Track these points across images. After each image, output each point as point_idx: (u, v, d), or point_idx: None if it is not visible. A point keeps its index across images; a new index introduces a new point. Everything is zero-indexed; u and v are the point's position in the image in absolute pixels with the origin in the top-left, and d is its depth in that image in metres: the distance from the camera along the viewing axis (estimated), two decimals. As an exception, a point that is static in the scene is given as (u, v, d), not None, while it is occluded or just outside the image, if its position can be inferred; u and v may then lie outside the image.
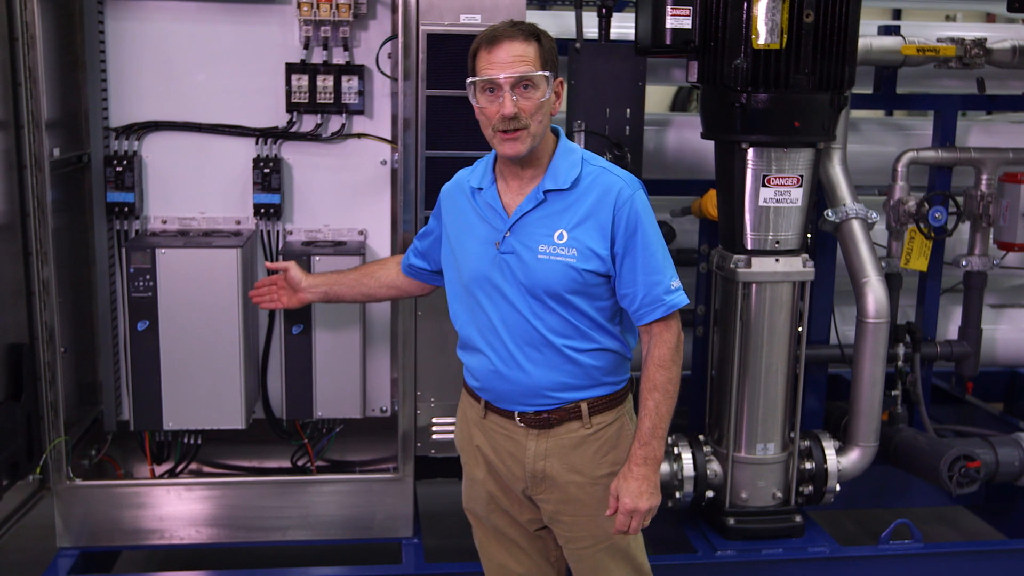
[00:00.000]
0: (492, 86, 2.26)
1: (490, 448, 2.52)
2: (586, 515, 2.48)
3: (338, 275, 2.90)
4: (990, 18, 7.78)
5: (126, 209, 3.41)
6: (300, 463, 3.73)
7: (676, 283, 2.38)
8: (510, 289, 2.36)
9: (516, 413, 2.45)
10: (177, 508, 3.39)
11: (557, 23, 4.12)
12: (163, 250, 3.23)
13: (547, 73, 2.27)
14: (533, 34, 2.28)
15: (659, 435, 2.36)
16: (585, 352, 2.39)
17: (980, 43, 3.84)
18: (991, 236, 4.04)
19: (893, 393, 3.97)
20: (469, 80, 2.30)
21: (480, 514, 2.63)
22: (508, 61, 2.24)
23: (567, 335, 2.37)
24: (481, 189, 2.42)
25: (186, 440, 3.57)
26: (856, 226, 3.65)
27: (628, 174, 2.39)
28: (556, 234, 2.33)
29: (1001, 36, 4.01)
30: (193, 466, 3.65)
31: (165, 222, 3.49)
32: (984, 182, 3.97)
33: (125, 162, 3.38)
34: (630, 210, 2.32)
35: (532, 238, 2.34)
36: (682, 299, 2.38)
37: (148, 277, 3.23)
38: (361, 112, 3.48)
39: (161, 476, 3.60)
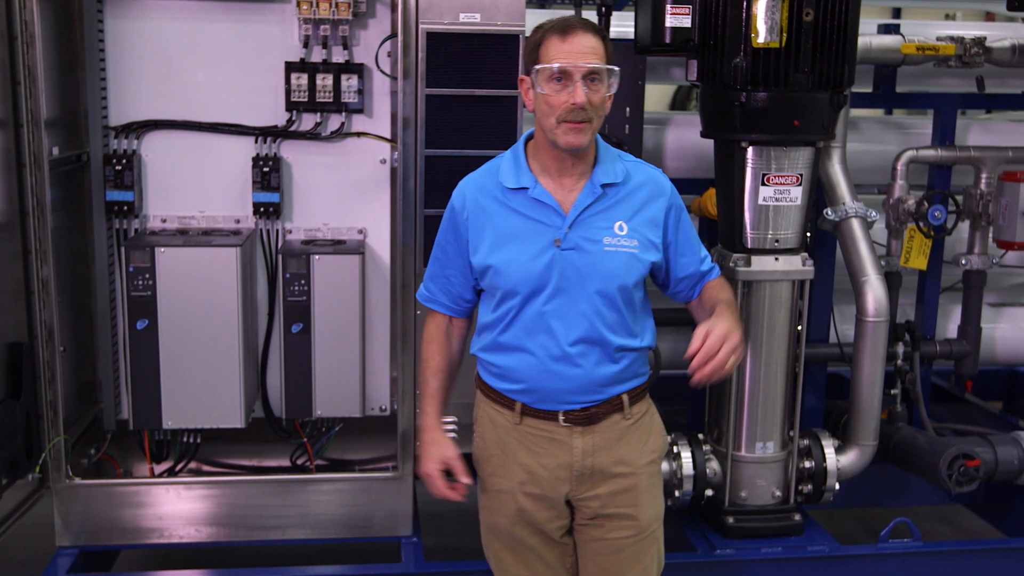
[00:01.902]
0: (563, 75, 2.26)
1: (528, 454, 2.45)
2: (638, 504, 2.50)
3: (441, 393, 2.57)
4: (990, 17, 7.78)
5: (125, 208, 3.41)
6: (299, 462, 3.73)
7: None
8: (569, 285, 2.36)
9: (560, 412, 2.42)
10: (176, 507, 3.39)
11: (556, 22, 4.11)
12: (162, 249, 3.23)
13: (615, 68, 2.31)
14: (600, 31, 2.32)
15: (735, 309, 2.49)
16: (630, 343, 2.43)
17: (980, 42, 3.84)
18: (990, 235, 4.04)
19: (892, 392, 3.97)
20: (537, 67, 2.28)
21: (503, 527, 2.53)
22: (582, 51, 2.25)
23: (619, 327, 2.40)
24: (525, 188, 2.38)
25: (185, 439, 3.57)
26: (855, 225, 3.65)
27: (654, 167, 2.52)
28: (616, 226, 2.38)
29: (1001, 35, 4.01)
30: (192, 465, 3.66)
31: (164, 221, 3.49)
32: (983, 181, 3.97)
33: (124, 161, 3.38)
34: (676, 200, 2.47)
35: (594, 232, 2.37)
36: (717, 265, 2.62)
37: (147, 276, 3.23)
38: (360, 111, 3.48)
39: (160, 475, 3.60)
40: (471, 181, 2.47)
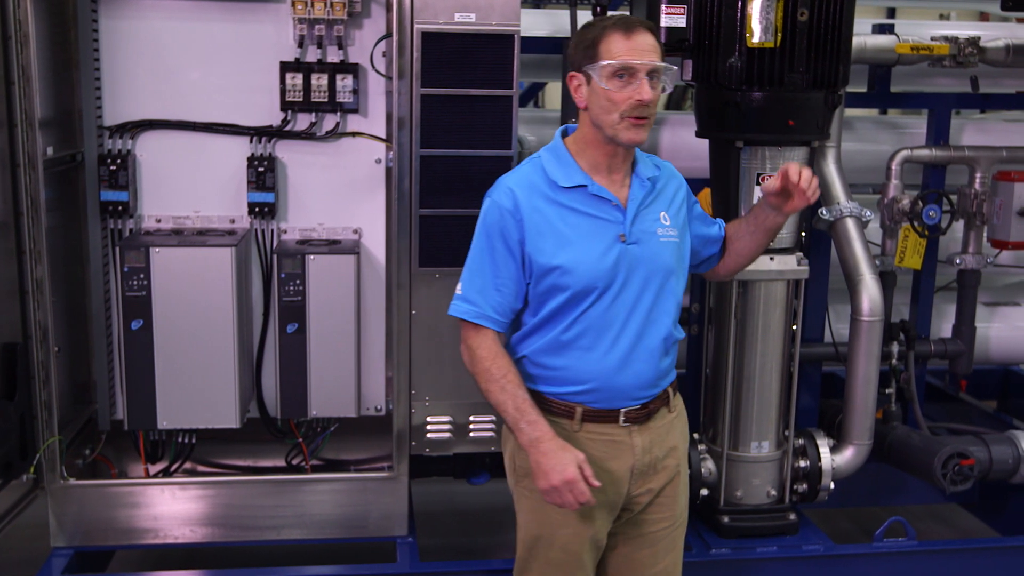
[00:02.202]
0: (628, 72, 2.28)
1: (590, 461, 2.36)
2: (677, 493, 2.56)
3: (532, 401, 2.39)
4: (984, 16, 7.80)
5: (120, 208, 3.41)
6: (295, 462, 3.72)
7: None
8: (635, 278, 2.39)
9: (621, 412, 2.43)
10: (171, 507, 3.38)
11: (552, 22, 4.12)
12: (157, 249, 3.23)
13: (674, 68, 2.36)
14: (656, 30, 2.36)
15: None
16: (678, 335, 2.51)
17: (974, 42, 3.84)
18: (985, 234, 4.05)
19: (887, 391, 3.97)
20: (602, 63, 2.28)
21: (557, 538, 2.47)
22: (646, 49, 2.29)
23: (674, 319, 2.48)
24: (584, 186, 2.37)
25: (180, 439, 3.56)
26: (850, 224, 3.66)
27: None
28: (661, 216, 2.45)
29: (995, 35, 4.02)
30: (187, 465, 3.65)
31: (159, 221, 3.49)
32: (978, 180, 3.98)
33: (119, 161, 3.38)
34: (686, 185, 2.59)
35: (648, 224, 2.42)
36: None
37: (142, 276, 3.22)
38: (356, 111, 3.47)
39: (155, 475, 3.59)
40: (517, 182, 2.40)
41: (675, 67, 2.35)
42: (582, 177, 2.38)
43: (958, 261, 4.08)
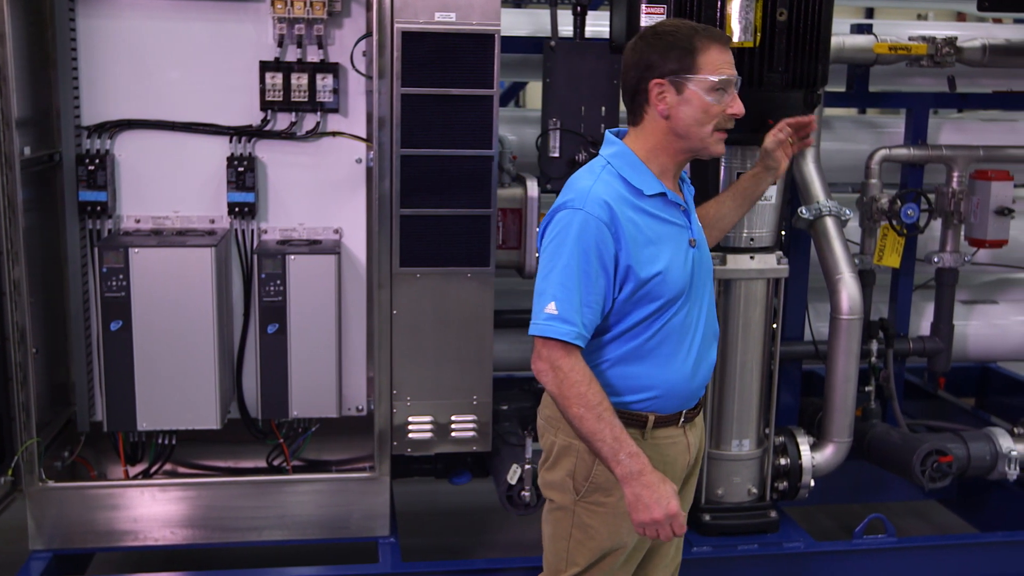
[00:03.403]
0: (726, 85, 2.29)
1: (661, 463, 2.36)
2: (692, 487, 2.65)
3: (624, 431, 2.29)
4: (960, 17, 7.86)
5: (98, 208, 3.39)
6: (276, 463, 3.71)
7: None
8: (700, 281, 2.42)
9: (683, 413, 2.45)
10: (151, 509, 3.37)
11: (532, 21, 4.12)
12: (136, 249, 3.21)
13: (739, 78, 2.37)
14: None
15: None
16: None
17: (951, 42, 3.88)
18: (962, 233, 4.08)
19: (867, 389, 4.00)
20: (704, 76, 2.26)
21: (628, 545, 2.47)
22: (733, 63, 2.32)
23: (717, 319, 2.54)
24: (663, 193, 2.35)
25: (160, 440, 3.55)
26: (830, 223, 3.67)
27: None
28: (695, 220, 2.49)
29: (971, 35, 4.05)
30: (167, 467, 3.63)
31: (138, 221, 3.47)
32: (955, 179, 4.00)
33: (97, 161, 3.36)
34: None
35: (698, 228, 2.48)
36: None
37: (121, 277, 3.20)
38: (336, 110, 3.46)
39: (135, 477, 3.57)
40: (606, 192, 2.29)
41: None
42: (660, 184, 2.36)
43: (936, 259, 4.10)
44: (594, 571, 2.49)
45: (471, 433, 3.44)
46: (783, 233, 3.63)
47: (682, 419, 2.46)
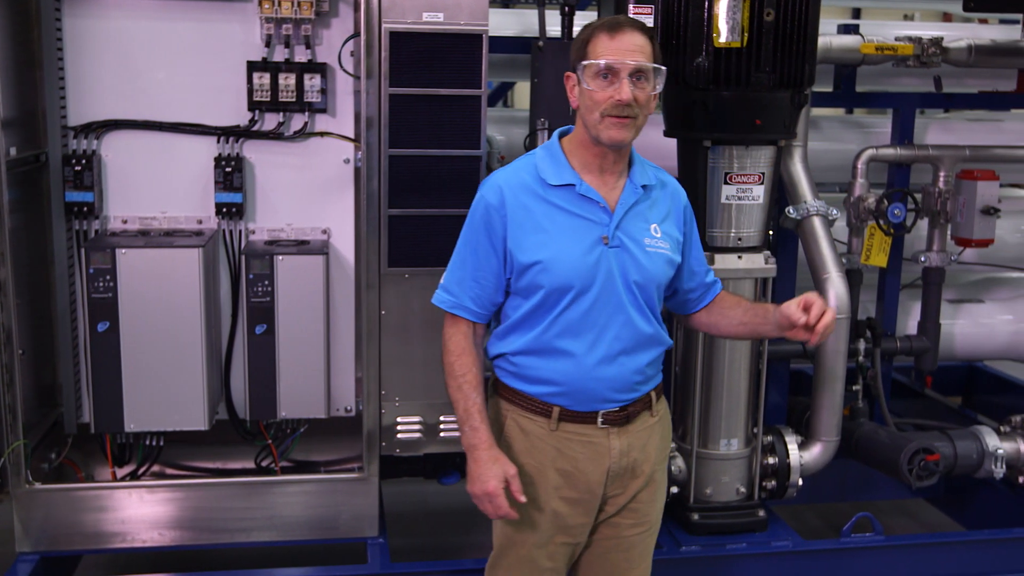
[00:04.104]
0: (609, 72, 2.29)
1: (565, 460, 2.43)
2: (654, 499, 2.58)
3: (482, 407, 2.45)
4: (946, 17, 7.89)
5: (85, 209, 3.37)
6: (264, 464, 3.70)
7: None
8: (615, 284, 2.38)
9: (600, 414, 2.42)
10: (139, 511, 3.36)
11: (520, 21, 4.13)
12: (123, 250, 3.20)
13: (662, 67, 2.34)
14: (649, 31, 2.35)
15: None
16: (661, 341, 2.49)
17: (937, 42, 3.90)
18: (949, 232, 4.10)
19: (854, 388, 4.01)
20: (585, 62, 2.31)
21: (530, 539, 2.48)
22: (629, 49, 2.29)
23: (655, 325, 2.46)
24: (571, 185, 2.37)
25: (148, 442, 3.53)
26: (817, 223, 3.69)
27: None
28: (652, 228, 2.44)
29: (957, 35, 4.08)
30: (155, 468, 3.62)
31: (125, 222, 3.46)
32: (942, 179, 4.02)
33: (84, 161, 3.34)
34: (689, 207, 2.57)
35: (636, 231, 2.41)
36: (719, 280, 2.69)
37: (108, 278, 3.19)
38: (324, 110, 3.46)
39: (123, 479, 3.56)
40: (506, 177, 2.42)
41: (663, 67, 2.34)
42: (572, 176, 2.38)
43: (923, 259, 4.12)
44: (509, 555, 2.54)
45: (459, 433, 3.43)
46: (771, 233, 3.64)
47: (600, 420, 2.43)
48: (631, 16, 2.38)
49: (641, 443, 2.50)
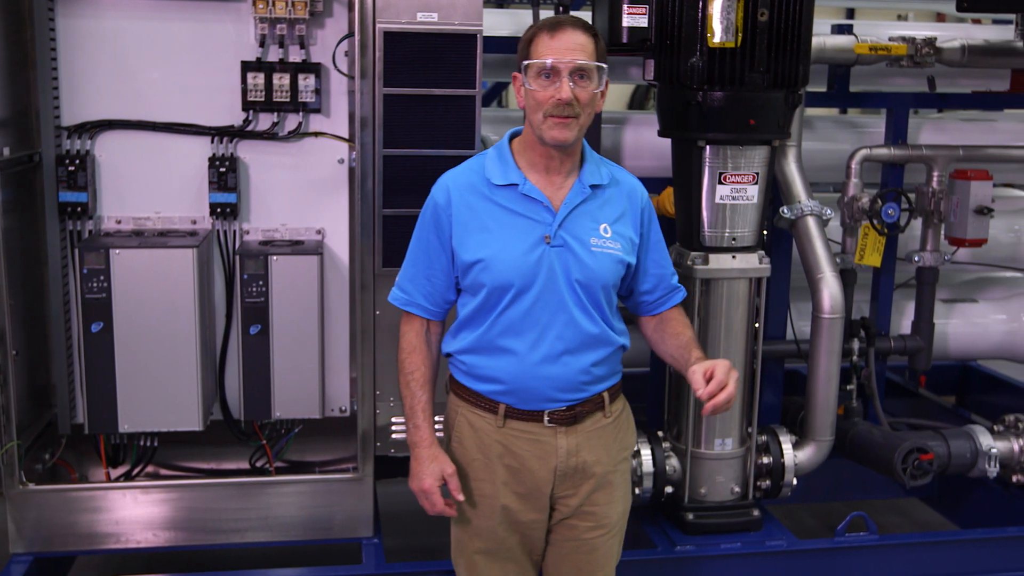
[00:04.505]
0: (550, 71, 2.29)
1: (512, 456, 2.45)
2: (612, 501, 2.54)
3: (431, 405, 2.53)
4: (940, 17, 7.90)
5: (79, 209, 3.37)
6: (259, 464, 3.70)
7: None
8: (557, 283, 2.37)
9: (545, 413, 2.43)
10: (133, 511, 3.35)
11: (514, 21, 4.12)
12: (117, 250, 3.19)
13: (604, 66, 2.33)
14: (592, 30, 2.34)
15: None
16: (613, 344, 2.47)
17: (930, 42, 3.90)
18: (942, 232, 4.11)
19: (848, 387, 4.02)
20: (526, 62, 2.32)
21: (485, 529, 2.51)
22: (570, 48, 2.29)
23: (601, 326, 2.43)
24: (515, 184, 2.38)
25: (142, 443, 3.53)
26: (811, 223, 3.69)
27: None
28: (601, 228, 2.42)
29: (951, 35, 4.08)
30: (149, 469, 3.61)
31: (119, 222, 3.45)
32: (935, 179, 4.03)
33: (78, 161, 3.34)
34: (649, 208, 2.54)
35: (582, 231, 2.39)
36: (683, 288, 2.66)
37: (102, 278, 3.19)
38: (318, 110, 3.46)
39: (117, 479, 3.56)
40: (454, 177, 2.45)
41: (604, 65, 2.33)
42: (516, 176, 2.39)
43: (917, 258, 4.13)
44: (456, 553, 2.60)
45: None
46: (765, 233, 3.64)
47: (547, 419, 2.43)
48: (573, 16, 2.38)
49: (591, 444, 2.48)
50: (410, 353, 2.52)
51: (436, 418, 2.55)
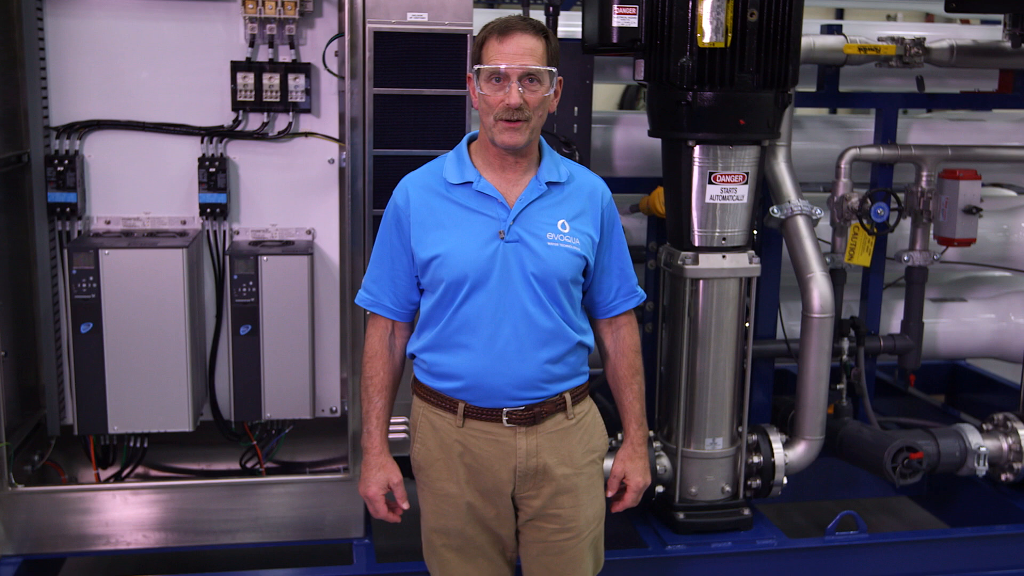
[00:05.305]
0: (499, 75, 2.29)
1: (471, 456, 2.45)
2: (578, 504, 2.52)
3: (386, 412, 2.57)
4: (929, 18, 7.92)
5: (68, 209, 3.36)
6: (249, 465, 3.69)
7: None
8: (512, 278, 2.37)
9: (504, 412, 2.42)
10: (123, 513, 3.34)
11: (504, 21, 4.12)
12: (107, 251, 3.18)
13: (553, 69, 2.33)
14: (542, 31, 2.34)
15: (644, 414, 2.66)
16: (572, 341, 2.45)
17: (919, 42, 3.91)
18: (931, 231, 4.12)
19: (838, 387, 4.03)
20: (476, 67, 2.33)
21: (453, 527, 2.50)
22: (518, 53, 2.29)
23: (560, 324, 2.42)
24: (470, 182, 2.40)
25: (132, 443, 3.52)
26: (801, 222, 3.70)
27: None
28: (559, 223, 2.41)
29: (939, 36, 4.09)
30: (139, 470, 3.61)
31: (109, 223, 3.44)
32: (924, 179, 4.04)
33: (66, 162, 3.33)
34: (611, 208, 2.52)
35: (538, 227, 2.39)
36: (642, 292, 2.64)
37: (91, 279, 3.18)
38: (308, 110, 3.45)
39: (106, 480, 3.55)
40: (413, 179, 2.48)
41: (554, 68, 2.33)
42: (472, 174, 2.41)
43: (906, 258, 4.14)
44: (427, 552, 2.61)
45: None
46: (755, 232, 3.65)
47: (506, 418, 2.42)
48: (523, 17, 2.37)
49: (553, 446, 2.47)
50: (371, 358, 2.54)
51: (401, 419, 2.55)
